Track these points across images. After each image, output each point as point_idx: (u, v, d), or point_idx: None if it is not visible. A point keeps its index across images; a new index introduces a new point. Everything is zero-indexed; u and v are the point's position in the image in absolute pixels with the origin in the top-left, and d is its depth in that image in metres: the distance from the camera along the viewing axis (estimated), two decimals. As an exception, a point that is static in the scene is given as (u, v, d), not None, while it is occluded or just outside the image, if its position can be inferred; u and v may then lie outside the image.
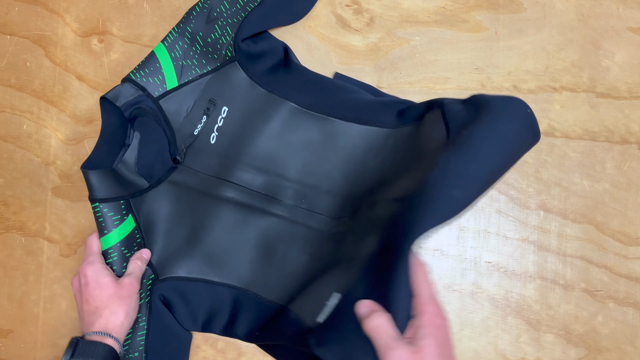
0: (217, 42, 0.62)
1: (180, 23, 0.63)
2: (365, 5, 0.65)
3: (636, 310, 0.63)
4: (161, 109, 0.62)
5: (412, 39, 0.65)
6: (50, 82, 0.67)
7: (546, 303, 0.63)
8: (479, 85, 0.64)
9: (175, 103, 0.62)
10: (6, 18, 0.68)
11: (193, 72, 0.63)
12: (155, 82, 0.62)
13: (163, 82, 0.62)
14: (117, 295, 0.57)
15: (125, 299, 0.57)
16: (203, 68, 0.63)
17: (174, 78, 0.62)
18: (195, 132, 0.62)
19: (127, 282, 0.58)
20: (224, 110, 0.63)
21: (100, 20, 0.67)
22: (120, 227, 0.60)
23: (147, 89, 0.62)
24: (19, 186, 0.67)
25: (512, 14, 0.64)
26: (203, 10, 0.63)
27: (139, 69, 0.62)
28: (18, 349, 0.67)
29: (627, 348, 0.63)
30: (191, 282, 0.61)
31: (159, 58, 0.62)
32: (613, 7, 0.64)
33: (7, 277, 0.67)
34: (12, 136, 0.67)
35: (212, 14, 0.62)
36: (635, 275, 0.63)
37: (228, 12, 0.62)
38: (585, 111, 0.64)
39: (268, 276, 0.61)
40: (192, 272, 0.61)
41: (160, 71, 0.62)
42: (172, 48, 0.62)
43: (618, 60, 0.64)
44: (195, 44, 0.63)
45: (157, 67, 0.62)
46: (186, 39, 0.63)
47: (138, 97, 0.62)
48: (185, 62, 0.63)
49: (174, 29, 0.63)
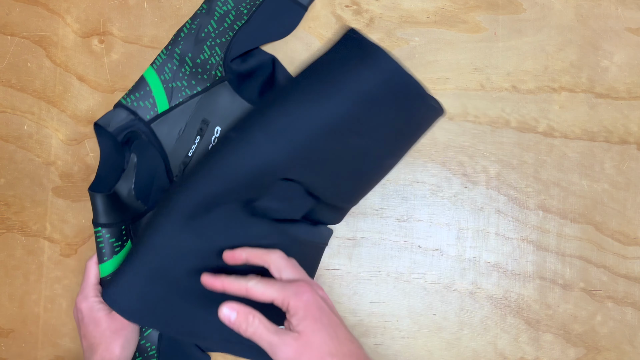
0: (206, 62, 0.63)
1: (169, 45, 0.64)
2: (365, 6, 0.65)
3: (635, 310, 0.63)
4: (153, 133, 0.63)
5: (411, 40, 0.65)
6: (51, 82, 0.68)
7: (545, 303, 0.63)
8: (478, 85, 0.64)
9: (167, 126, 0.62)
10: (7, 19, 0.68)
11: (183, 93, 0.63)
12: (146, 105, 0.62)
13: (154, 106, 0.63)
14: (111, 329, 0.57)
15: (119, 332, 0.57)
16: (193, 89, 0.63)
17: (164, 101, 0.63)
18: (190, 154, 0.63)
19: (119, 315, 0.58)
20: (217, 130, 0.63)
21: (101, 21, 0.67)
22: (121, 253, 0.60)
23: (139, 113, 0.62)
24: (19, 186, 0.67)
25: (511, 14, 0.65)
26: (191, 31, 0.63)
27: (129, 94, 0.63)
28: (19, 348, 0.67)
29: (625, 347, 0.63)
30: None
31: (149, 81, 0.63)
32: (612, 8, 0.64)
33: (8, 277, 0.67)
34: (13, 136, 0.68)
35: (200, 34, 0.63)
36: (634, 275, 0.63)
37: (216, 31, 0.63)
38: (584, 111, 0.64)
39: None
40: None
41: (151, 94, 0.63)
42: (161, 70, 0.63)
43: (617, 61, 0.64)
44: (185, 65, 0.63)
45: (147, 91, 0.63)
46: (175, 60, 0.63)
47: (130, 122, 0.62)
48: (175, 84, 0.63)
49: (163, 51, 0.63)
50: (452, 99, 0.65)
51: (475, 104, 0.64)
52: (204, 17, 0.64)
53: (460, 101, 0.65)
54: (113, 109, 0.62)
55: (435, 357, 0.64)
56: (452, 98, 0.65)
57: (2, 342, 0.67)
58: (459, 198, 0.65)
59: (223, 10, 0.64)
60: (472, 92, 0.65)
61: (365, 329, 0.64)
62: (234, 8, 0.64)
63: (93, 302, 0.58)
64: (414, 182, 0.65)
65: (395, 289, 0.64)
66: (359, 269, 0.65)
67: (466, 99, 0.65)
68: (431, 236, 0.65)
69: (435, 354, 0.64)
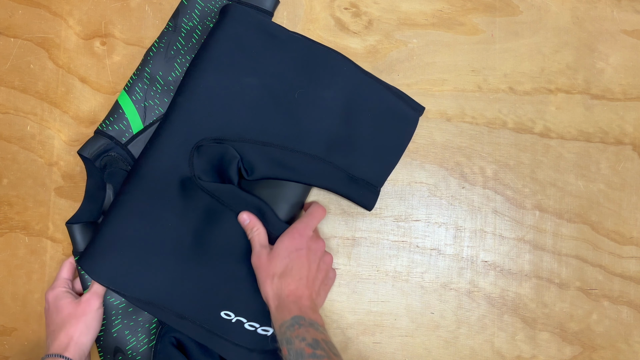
0: (178, 79, 0.64)
1: (139, 66, 0.65)
2: (364, 9, 0.66)
3: (630, 309, 0.64)
4: (130, 154, 0.64)
5: (409, 42, 0.66)
6: (53, 84, 0.68)
7: (542, 301, 0.64)
8: (476, 87, 0.65)
9: (144, 145, 0.63)
10: (10, 21, 0.69)
11: (157, 111, 0.64)
12: (121, 128, 0.64)
13: (129, 127, 0.64)
14: (72, 315, 0.59)
15: (80, 317, 0.59)
16: (166, 106, 0.64)
17: (138, 121, 0.64)
18: None
19: (84, 300, 0.60)
20: None
21: (103, 23, 0.68)
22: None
23: (115, 136, 0.64)
24: (22, 186, 0.68)
25: (508, 16, 0.65)
26: (160, 49, 0.65)
27: (105, 119, 0.64)
28: (21, 346, 0.68)
29: (621, 346, 0.64)
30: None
31: (122, 104, 0.64)
32: (607, 11, 0.65)
33: (11, 276, 0.68)
34: (16, 137, 0.68)
35: (170, 52, 0.64)
36: (629, 274, 0.64)
37: (185, 48, 0.64)
38: (580, 112, 0.65)
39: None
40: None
41: (124, 117, 0.64)
42: (132, 92, 0.64)
43: (612, 63, 0.65)
44: (156, 84, 0.64)
45: (120, 114, 0.64)
46: (145, 79, 0.64)
47: (107, 146, 0.63)
48: (147, 103, 0.64)
49: (134, 73, 0.65)
50: (450, 100, 0.65)
51: (473, 105, 0.65)
52: (171, 34, 0.65)
53: (457, 102, 0.65)
54: (92, 137, 0.64)
55: (433, 355, 0.65)
56: (449, 99, 0.65)
57: (5, 341, 0.68)
58: (457, 198, 0.65)
59: (189, 26, 0.65)
60: (470, 94, 0.65)
61: (363, 328, 0.65)
62: (199, 23, 0.65)
63: (59, 292, 0.61)
64: (412, 183, 0.66)
65: (393, 288, 0.65)
66: (358, 268, 0.65)
67: (463, 100, 0.65)
68: (429, 236, 0.65)
69: (433, 352, 0.65)
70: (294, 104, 0.62)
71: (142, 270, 0.59)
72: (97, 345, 0.63)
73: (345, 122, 0.62)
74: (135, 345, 0.63)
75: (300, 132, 0.61)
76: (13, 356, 0.68)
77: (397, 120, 0.63)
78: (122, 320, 0.63)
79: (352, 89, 0.63)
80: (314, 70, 0.62)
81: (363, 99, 0.63)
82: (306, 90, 0.62)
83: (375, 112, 0.63)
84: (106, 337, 0.63)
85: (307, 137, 0.61)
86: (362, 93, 0.63)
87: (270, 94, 0.62)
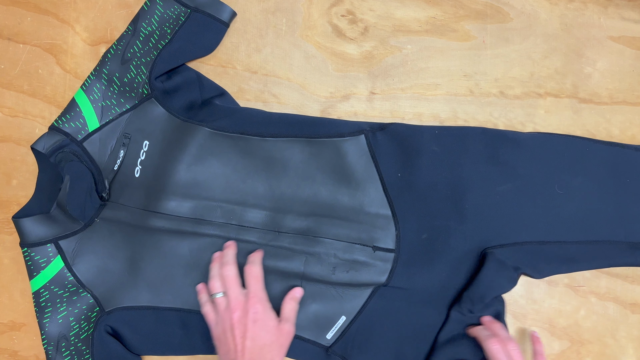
0: (133, 81, 0.66)
1: (97, 66, 0.67)
2: (360, 16, 0.69)
3: (616, 305, 0.66)
4: (85, 151, 0.65)
5: (404, 48, 0.68)
6: (60, 88, 0.71)
7: (531, 298, 0.66)
8: (468, 91, 0.67)
9: (99, 143, 0.66)
10: (19, 27, 0.71)
11: (113, 111, 0.66)
12: (77, 125, 0.66)
13: (85, 125, 0.66)
14: (279, 342, 0.57)
15: (283, 348, 0.57)
16: (122, 107, 0.66)
17: (94, 120, 0.66)
18: (115, 167, 0.65)
19: (287, 331, 0.58)
20: (146, 144, 0.66)
21: (109, 30, 0.70)
22: (47, 268, 0.64)
23: (70, 133, 0.65)
24: (31, 187, 0.70)
25: (499, 23, 0.68)
26: (117, 52, 0.67)
27: (61, 116, 0.66)
28: (30, 341, 0.70)
29: (608, 340, 0.66)
30: (137, 311, 0.65)
31: (79, 103, 0.66)
32: (595, 17, 0.67)
33: (20, 274, 0.70)
34: (25, 139, 0.71)
35: (127, 54, 0.66)
36: (616, 271, 0.66)
37: (141, 51, 0.66)
38: (569, 116, 0.67)
39: None
40: (137, 301, 0.65)
41: (81, 115, 0.66)
42: (90, 91, 0.66)
43: (600, 68, 0.67)
44: (113, 85, 0.66)
45: (77, 112, 0.66)
46: (103, 80, 0.66)
47: (62, 142, 0.65)
48: (104, 103, 0.66)
49: (92, 73, 0.67)
50: (443, 104, 0.68)
51: (465, 109, 0.67)
52: (129, 38, 0.67)
53: (450, 106, 0.68)
54: (47, 132, 0.65)
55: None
56: (442, 103, 0.68)
57: (15, 335, 0.70)
58: (450, 198, 0.67)
59: (148, 30, 0.67)
60: (462, 98, 0.67)
61: (360, 323, 0.67)
62: (157, 28, 0.66)
63: (268, 308, 0.59)
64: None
65: (388, 284, 0.67)
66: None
67: (456, 104, 0.68)
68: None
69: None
70: (557, 198, 0.63)
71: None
72: (42, 332, 0.65)
73: (607, 197, 0.64)
74: (78, 332, 0.65)
75: (565, 222, 0.63)
76: (22, 350, 0.70)
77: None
78: (67, 307, 0.65)
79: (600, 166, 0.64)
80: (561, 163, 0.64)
81: (621, 170, 0.64)
82: (562, 183, 0.63)
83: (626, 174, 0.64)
84: (51, 324, 0.65)
85: (571, 224, 0.63)
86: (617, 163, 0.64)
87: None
